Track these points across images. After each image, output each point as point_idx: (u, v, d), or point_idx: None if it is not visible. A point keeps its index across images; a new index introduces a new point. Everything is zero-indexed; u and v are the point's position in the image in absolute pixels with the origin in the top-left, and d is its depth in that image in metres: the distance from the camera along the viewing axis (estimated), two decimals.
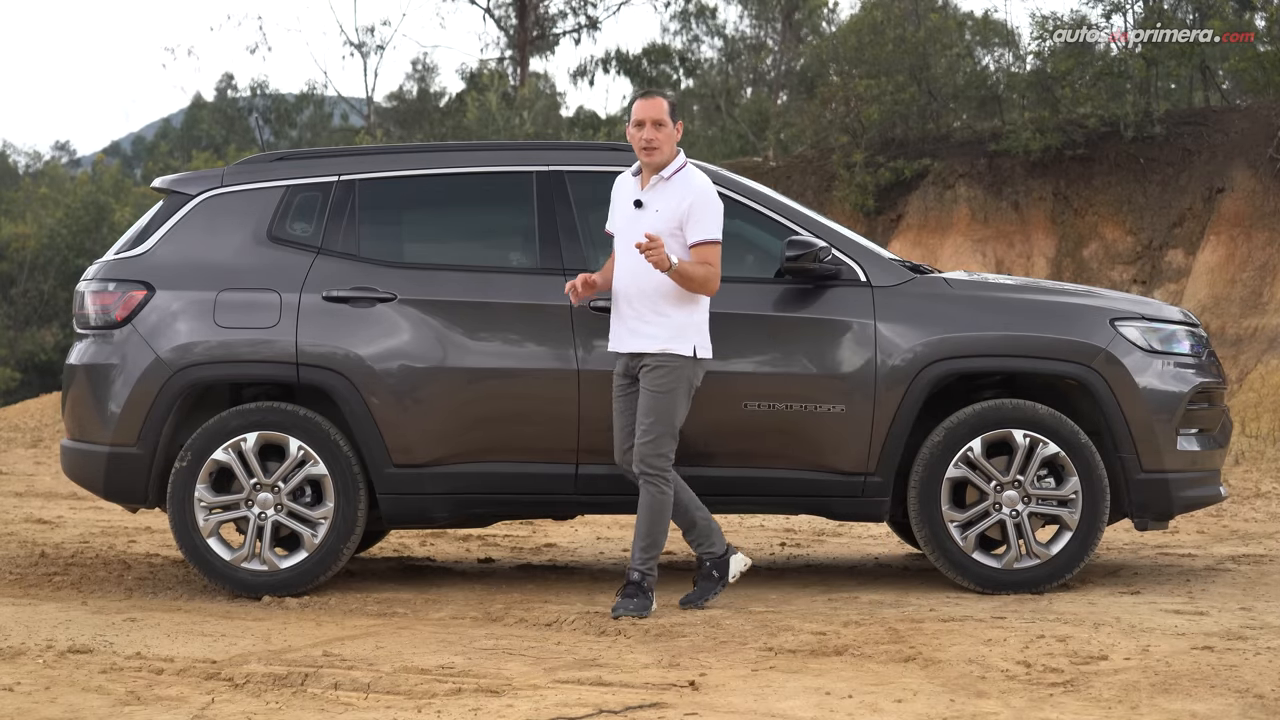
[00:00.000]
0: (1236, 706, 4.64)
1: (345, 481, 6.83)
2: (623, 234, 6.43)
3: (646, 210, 6.36)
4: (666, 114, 6.35)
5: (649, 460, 6.31)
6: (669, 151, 6.38)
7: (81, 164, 66.75)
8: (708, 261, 6.28)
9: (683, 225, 6.31)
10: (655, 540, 6.34)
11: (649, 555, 6.35)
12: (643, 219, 6.34)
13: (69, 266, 36.81)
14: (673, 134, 6.37)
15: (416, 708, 4.72)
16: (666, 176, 6.37)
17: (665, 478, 6.32)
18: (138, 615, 6.44)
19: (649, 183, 6.40)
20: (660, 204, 6.34)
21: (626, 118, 6.51)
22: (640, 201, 6.39)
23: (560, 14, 37.30)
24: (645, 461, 6.33)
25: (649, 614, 6.27)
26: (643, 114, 6.34)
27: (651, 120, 6.32)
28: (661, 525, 6.34)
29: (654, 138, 6.32)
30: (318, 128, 51.23)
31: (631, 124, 6.39)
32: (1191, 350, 7.01)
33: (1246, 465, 13.30)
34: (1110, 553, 8.27)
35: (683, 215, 6.31)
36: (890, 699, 4.77)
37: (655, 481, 6.31)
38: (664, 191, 6.36)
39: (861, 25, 23.23)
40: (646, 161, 6.37)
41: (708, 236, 6.30)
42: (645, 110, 6.34)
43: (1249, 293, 17.07)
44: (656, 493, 6.31)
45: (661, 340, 6.31)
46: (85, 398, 7.03)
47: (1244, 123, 18.49)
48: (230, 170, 7.32)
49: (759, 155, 26.17)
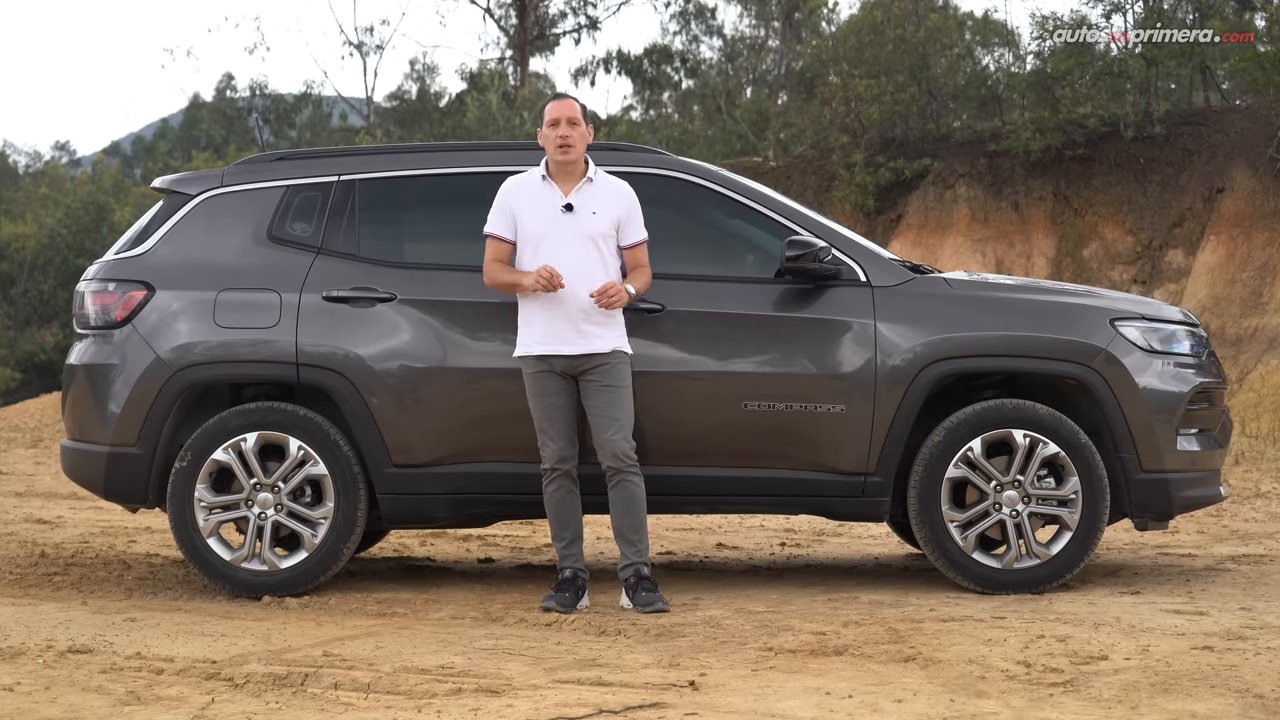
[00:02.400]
0: (1236, 706, 4.64)
1: (345, 481, 6.83)
2: (552, 238, 6.45)
3: (580, 213, 6.46)
4: (579, 114, 6.50)
5: (626, 453, 6.42)
6: (582, 150, 6.52)
7: (81, 164, 66.76)
8: (644, 262, 6.56)
9: (620, 227, 6.50)
10: (645, 529, 6.50)
11: (645, 544, 6.51)
12: (577, 221, 6.44)
13: (69, 266, 36.82)
14: (585, 134, 6.52)
15: (416, 708, 4.72)
16: (592, 179, 6.53)
17: (638, 469, 6.46)
18: (138, 615, 6.44)
19: (576, 186, 6.50)
20: (596, 206, 6.48)
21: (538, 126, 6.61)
22: (571, 205, 6.46)
23: (560, 14, 37.32)
24: (623, 455, 6.41)
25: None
26: (557, 113, 6.47)
27: (566, 119, 6.45)
28: (644, 514, 6.50)
29: (569, 135, 6.45)
30: (317, 128, 51.23)
31: (545, 124, 6.50)
32: (1191, 350, 7.01)
33: (1246, 465, 13.31)
34: (1110, 553, 8.27)
35: (621, 217, 6.51)
36: (890, 699, 4.77)
37: (633, 473, 6.46)
38: (594, 194, 6.50)
39: (861, 25, 23.23)
40: (561, 160, 6.47)
41: (643, 236, 6.56)
42: (560, 110, 6.48)
43: (1249, 293, 17.07)
44: (636, 484, 6.47)
45: (612, 340, 6.48)
46: (85, 398, 7.03)
47: (1244, 123, 18.49)
48: (230, 170, 7.32)
49: (759, 155, 26.17)
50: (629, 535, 6.51)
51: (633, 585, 6.49)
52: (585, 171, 6.56)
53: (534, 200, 6.49)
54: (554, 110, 6.49)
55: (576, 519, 6.56)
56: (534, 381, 6.48)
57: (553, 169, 6.52)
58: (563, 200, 6.48)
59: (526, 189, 6.52)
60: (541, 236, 6.45)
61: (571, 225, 6.45)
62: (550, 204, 6.48)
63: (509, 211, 6.48)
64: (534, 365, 6.47)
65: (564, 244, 6.43)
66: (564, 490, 6.51)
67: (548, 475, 6.51)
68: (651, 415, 6.75)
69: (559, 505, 6.52)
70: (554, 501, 6.52)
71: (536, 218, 6.47)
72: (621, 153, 7.13)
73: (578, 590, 6.53)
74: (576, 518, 6.56)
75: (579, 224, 6.45)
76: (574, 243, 6.43)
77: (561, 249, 6.42)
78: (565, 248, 6.42)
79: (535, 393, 6.48)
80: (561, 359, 6.44)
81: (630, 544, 6.51)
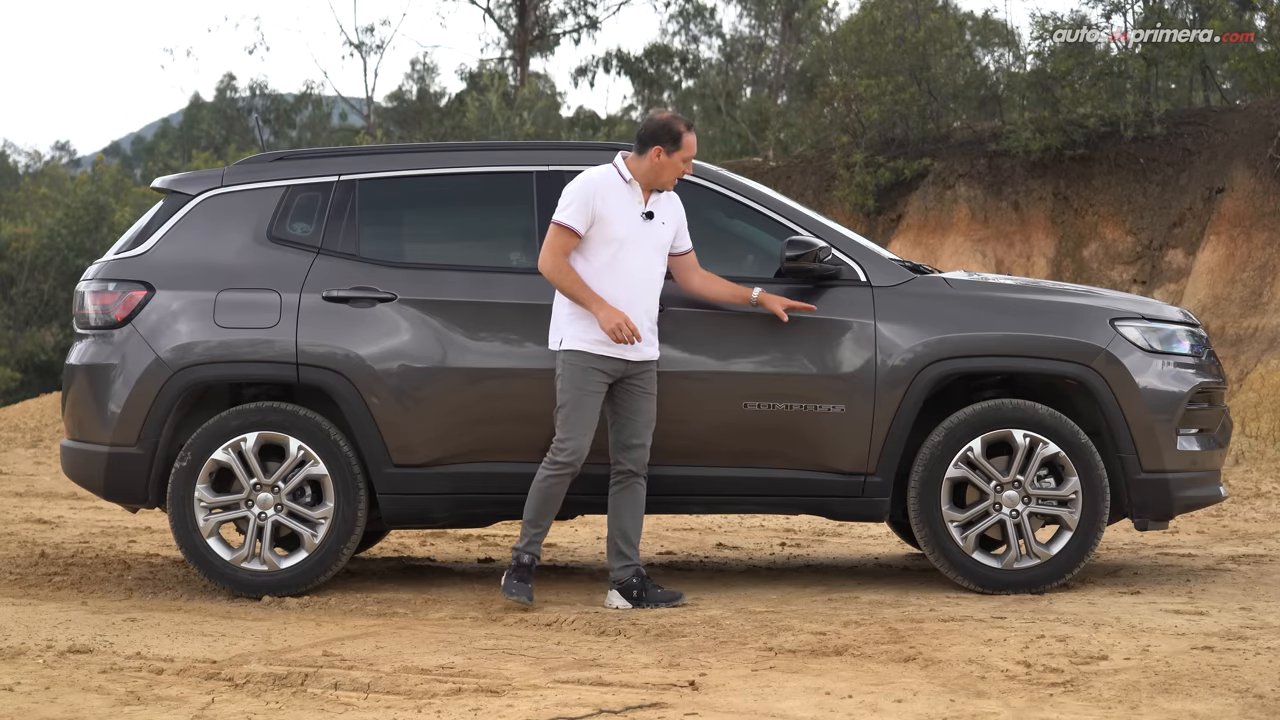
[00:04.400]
0: (1236, 706, 4.64)
1: (345, 481, 6.83)
2: (634, 244, 6.47)
3: (655, 222, 6.54)
4: None
5: (645, 461, 6.55)
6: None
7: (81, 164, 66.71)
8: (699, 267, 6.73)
9: (677, 235, 6.63)
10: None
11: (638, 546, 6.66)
12: (655, 231, 6.54)
13: (69, 266, 36.78)
14: None
15: (416, 708, 4.72)
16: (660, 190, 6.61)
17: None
18: (138, 615, 6.44)
19: (650, 196, 6.54)
20: (665, 217, 6.60)
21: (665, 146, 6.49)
22: (652, 214, 6.52)
23: (560, 14, 37.30)
24: (645, 462, 6.54)
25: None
26: (694, 149, 6.54)
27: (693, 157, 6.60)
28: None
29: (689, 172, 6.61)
30: (317, 128, 51.20)
31: (681, 155, 6.49)
32: (1191, 350, 7.01)
33: (1246, 465, 13.31)
34: (1110, 553, 8.27)
35: (679, 228, 6.65)
36: (890, 699, 4.77)
37: (643, 477, 6.57)
38: (662, 204, 6.61)
39: (861, 25, 23.21)
40: (668, 188, 6.57)
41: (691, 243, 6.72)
42: (695, 148, 6.57)
43: (1249, 293, 17.07)
44: (644, 488, 6.59)
45: (657, 348, 6.61)
46: (85, 398, 7.03)
47: (1244, 123, 18.48)
48: (230, 170, 7.32)
49: (759, 155, 26.16)
50: (632, 538, 6.54)
51: (639, 586, 6.52)
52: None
53: (621, 203, 6.49)
54: (695, 147, 6.53)
55: (554, 514, 6.60)
56: (584, 376, 6.43)
57: (642, 181, 6.52)
58: (644, 208, 6.51)
59: (612, 189, 6.49)
60: (625, 241, 6.46)
61: (651, 233, 6.52)
62: (634, 210, 6.50)
63: (592, 208, 6.44)
64: (590, 361, 6.44)
65: (643, 251, 6.50)
66: (563, 486, 6.50)
67: (559, 469, 6.45)
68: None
69: (553, 498, 6.51)
70: (553, 494, 6.50)
71: (623, 222, 6.47)
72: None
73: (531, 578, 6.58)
74: (555, 513, 6.60)
75: (656, 233, 6.54)
76: (651, 250, 6.52)
77: (641, 255, 6.49)
78: (643, 254, 6.50)
79: (580, 386, 6.43)
80: (621, 362, 6.46)
81: (632, 546, 6.55)
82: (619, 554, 6.56)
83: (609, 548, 6.61)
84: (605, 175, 6.50)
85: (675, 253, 6.64)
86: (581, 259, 6.46)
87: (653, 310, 6.53)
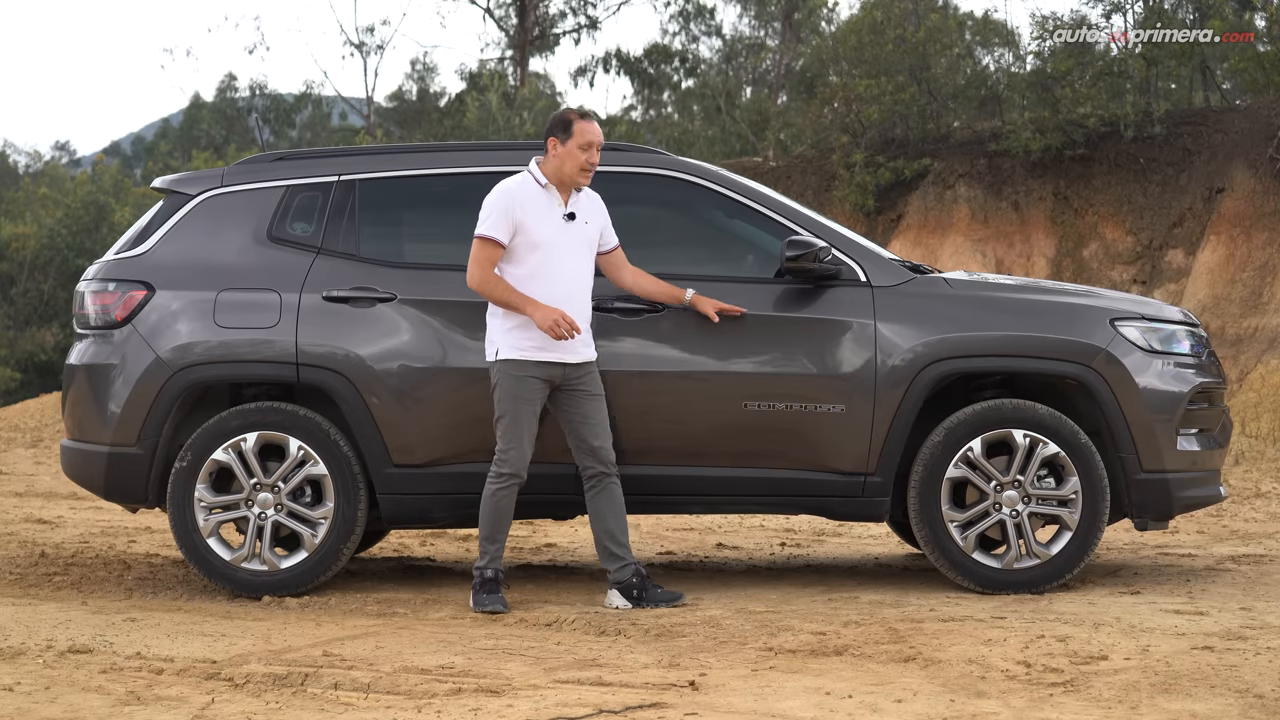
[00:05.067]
0: (1236, 706, 4.64)
1: (345, 481, 6.83)
2: (558, 246, 6.48)
3: (579, 222, 6.56)
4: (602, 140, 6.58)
5: (613, 458, 6.54)
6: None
7: (81, 164, 66.69)
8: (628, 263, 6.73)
9: (601, 233, 6.63)
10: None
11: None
12: (578, 230, 6.54)
13: (69, 266, 36.77)
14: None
15: (416, 708, 4.72)
16: (579, 189, 6.61)
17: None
18: (138, 615, 6.44)
19: (569, 195, 6.55)
20: (588, 216, 6.61)
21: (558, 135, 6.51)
22: (573, 214, 6.53)
23: (560, 14, 37.29)
24: (612, 460, 6.53)
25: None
26: (593, 138, 6.50)
27: (598, 145, 6.51)
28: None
29: (595, 161, 6.51)
30: (317, 128, 51.20)
31: (576, 143, 6.47)
32: (1191, 350, 7.01)
33: (1246, 465, 13.31)
34: (1110, 553, 8.27)
35: (603, 226, 6.65)
36: (890, 699, 4.77)
37: (616, 475, 6.56)
38: (583, 203, 6.62)
39: (861, 25, 23.20)
40: (580, 184, 6.53)
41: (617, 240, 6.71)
42: (595, 135, 6.52)
43: (1249, 293, 17.06)
44: (619, 485, 6.58)
45: (594, 349, 6.61)
46: (85, 398, 7.03)
47: (1244, 123, 18.48)
48: (230, 170, 7.32)
49: (759, 155, 26.16)
50: (620, 537, 6.55)
51: (639, 585, 6.52)
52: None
53: (539, 208, 6.49)
54: (590, 133, 6.49)
55: (508, 526, 6.60)
56: (521, 385, 6.44)
57: (555, 180, 6.52)
58: (565, 209, 6.50)
59: (530, 195, 6.50)
60: (549, 245, 6.46)
61: (574, 234, 6.52)
62: (554, 212, 6.50)
63: (512, 217, 6.45)
64: (527, 369, 6.44)
65: (568, 252, 6.49)
66: (511, 497, 6.52)
67: (506, 481, 6.47)
68: (652, 415, 6.76)
69: (503, 510, 6.52)
70: (503, 506, 6.51)
71: (544, 226, 6.48)
72: (621, 153, 7.13)
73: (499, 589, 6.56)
74: (509, 525, 6.60)
75: (580, 233, 6.54)
76: (576, 251, 6.51)
77: (567, 257, 6.48)
78: (569, 256, 6.49)
79: (518, 396, 6.44)
80: (559, 367, 6.45)
81: (623, 545, 6.55)
82: (612, 556, 6.56)
83: (600, 552, 6.60)
84: (521, 182, 6.53)
85: (603, 250, 6.65)
86: (509, 267, 6.48)
87: (585, 311, 6.53)
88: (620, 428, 6.73)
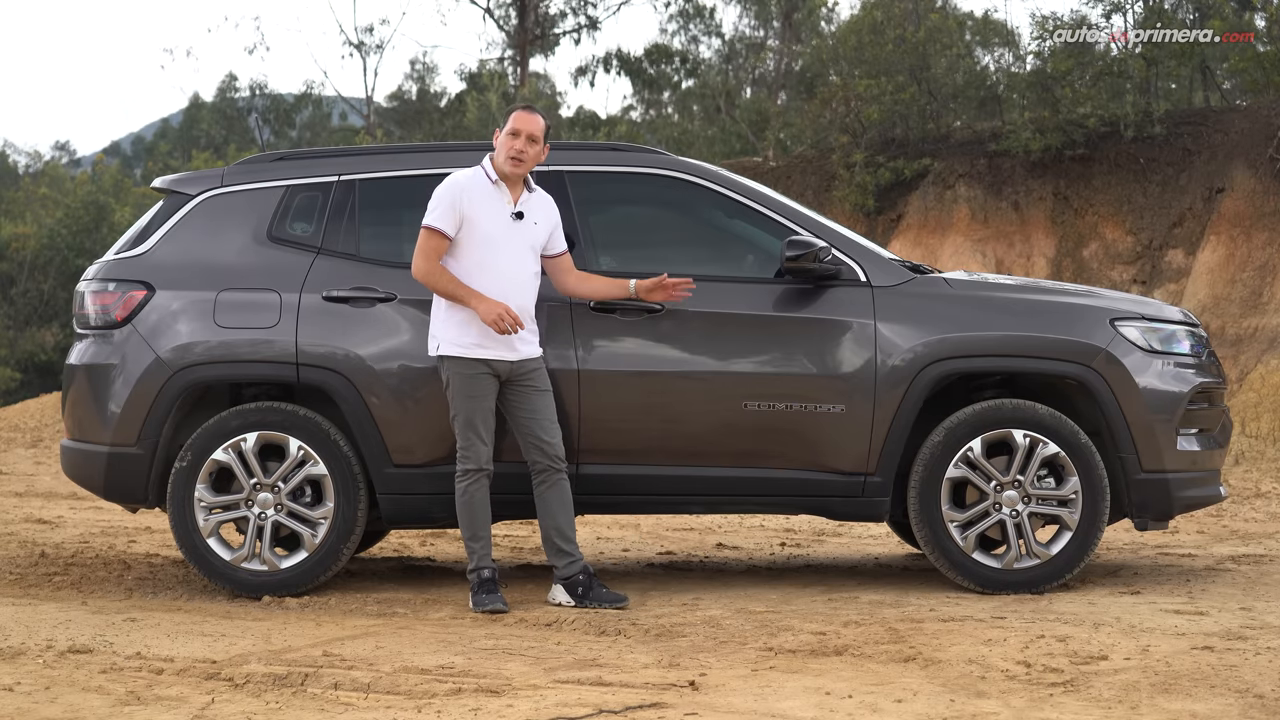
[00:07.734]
0: (1236, 706, 4.64)
1: (345, 481, 6.83)
2: (502, 244, 6.48)
3: (526, 222, 6.54)
4: (541, 133, 6.54)
5: (563, 454, 6.53)
6: (531, 167, 6.57)
7: (81, 164, 66.72)
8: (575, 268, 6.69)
9: (550, 237, 6.60)
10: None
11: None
12: (525, 230, 6.52)
13: (69, 266, 36.78)
14: (539, 154, 6.57)
15: (416, 708, 4.72)
16: (532, 190, 6.60)
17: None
18: (138, 615, 6.44)
19: (521, 194, 6.55)
20: (537, 217, 6.59)
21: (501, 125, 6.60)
22: (521, 213, 6.52)
23: (560, 14, 37.29)
24: (561, 456, 6.53)
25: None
26: (520, 126, 6.50)
27: (528, 134, 6.50)
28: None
29: (525, 151, 6.49)
30: (317, 128, 51.21)
31: (507, 130, 6.50)
32: (1191, 350, 7.01)
33: (1246, 465, 13.31)
34: (1110, 553, 8.27)
35: (553, 229, 6.63)
36: (890, 699, 4.77)
37: (565, 471, 6.56)
38: (534, 204, 6.60)
39: (861, 25, 23.20)
40: (510, 172, 6.51)
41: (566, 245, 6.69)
42: (525, 123, 6.50)
43: (1249, 293, 17.06)
44: (567, 482, 6.57)
45: (538, 346, 6.62)
46: (85, 398, 7.03)
47: (1244, 123, 18.48)
48: (230, 170, 7.32)
49: (759, 155, 26.16)
50: (569, 533, 6.56)
51: (585, 584, 6.52)
52: (527, 181, 6.62)
53: (487, 203, 6.50)
54: (519, 121, 6.50)
55: (489, 522, 6.59)
56: (470, 383, 6.46)
57: (500, 174, 6.53)
58: (513, 208, 6.51)
59: (479, 190, 6.51)
60: (495, 241, 6.47)
61: (521, 233, 6.52)
62: (502, 209, 6.51)
63: (459, 210, 6.46)
64: (473, 367, 6.47)
65: (512, 251, 6.50)
66: (483, 491, 6.53)
67: (472, 476, 6.49)
68: (652, 415, 6.76)
69: (481, 506, 6.53)
70: (476, 502, 6.52)
71: (490, 222, 6.49)
72: (621, 153, 7.13)
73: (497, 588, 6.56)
74: (489, 521, 6.59)
75: (527, 233, 6.54)
76: (522, 250, 6.52)
77: (510, 256, 6.49)
78: (513, 255, 6.50)
79: (471, 394, 6.46)
80: (504, 364, 6.46)
81: (571, 541, 6.57)
82: (559, 551, 6.56)
83: (547, 548, 6.61)
84: (472, 176, 6.54)
85: (550, 254, 6.64)
86: (453, 260, 6.49)
87: (528, 308, 6.53)
88: (621, 428, 6.74)
